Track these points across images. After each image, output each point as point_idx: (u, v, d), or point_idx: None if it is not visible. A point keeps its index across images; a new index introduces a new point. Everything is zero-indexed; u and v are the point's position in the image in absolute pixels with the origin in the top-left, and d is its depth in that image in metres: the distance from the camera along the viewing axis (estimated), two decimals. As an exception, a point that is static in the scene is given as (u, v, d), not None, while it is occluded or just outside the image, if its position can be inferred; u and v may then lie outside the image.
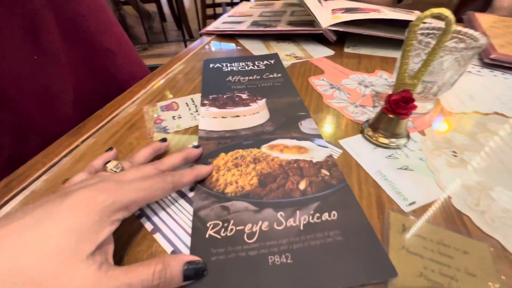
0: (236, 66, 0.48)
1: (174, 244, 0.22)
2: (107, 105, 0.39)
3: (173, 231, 0.23)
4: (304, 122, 0.34)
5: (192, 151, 0.28)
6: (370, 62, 0.51)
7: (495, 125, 0.34)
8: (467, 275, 0.20)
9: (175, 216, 0.24)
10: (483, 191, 0.26)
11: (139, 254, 0.22)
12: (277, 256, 0.20)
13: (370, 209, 0.25)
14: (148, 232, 0.23)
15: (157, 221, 0.24)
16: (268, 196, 0.25)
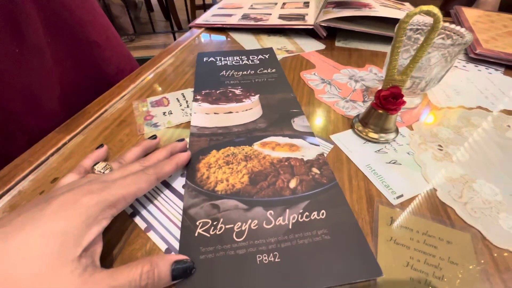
0: (230, 60, 0.48)
1: (168, 241, 0.22)
2: (95, 100, 0.38)
3: (167, 228, 0.23)
4: (297, 119, 0.35)
5: (176, 145, 0.28)
6: (360, 57, 0.51)
7: (478, 119, 0.36)
8: (450, 264, 0.21)
9: (168, 213, 0.24)
10: (466, 184, 0.27)
11: (133, 252, 0.22)
12: (265, 255, 0.21)
13: (360, 203, 0.25)
14: (141, 230, 0.23)
15: (150, 219, 0.24)
16: (259, 195, 0.25)
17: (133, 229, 0.23)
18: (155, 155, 0.26)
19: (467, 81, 0.44)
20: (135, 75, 0.44)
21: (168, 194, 0.26)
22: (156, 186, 0.26)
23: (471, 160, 0.30)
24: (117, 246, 0.22)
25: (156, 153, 0.26)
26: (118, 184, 0.21)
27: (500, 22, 0.64)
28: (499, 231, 0.23)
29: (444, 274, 0.20)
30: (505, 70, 0.48)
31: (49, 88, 0.37)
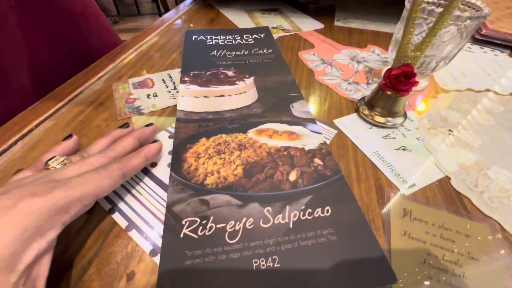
0: (221, 39, 0.43)
1: (153, 242, 0.19)
2: (68, 81, 0.34)
3: (152, 226, 0.20)
4: (296, 104, 0.31)
5: (144, 130, 0.24)
6: (361, 37, 0.48)
7: (488, 102, 0.34)
8: (470, 260, 0.19)
9: (153, 209, 0.21)
10: (481, 171, 0.25)
11: (112, 256, 0.18)
12: (262, 259, 0.18)
13: (369, 193, 0.23)
14: (122, 229, 0.20)
15: (132, 216, 0.20)
16: (254, 189, 0.22)
17: (112, 228, 0.20)
18: (121, 144, 0.22)
19: (474, 63, 0.42)
20: (115, 54, 0.40)
21: (153, 187, 0.23)
22: (139, 178, 0.23)
23: (483, 146, 0.28)
24: (93, 248, 0.19)
25: (122, 141, 0.22)
26: (71, 183, 0.17)
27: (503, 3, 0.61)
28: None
29: (465, 271, 0.18)
30: (510, 52, 0.45)
31: (16, 61, 0.32)
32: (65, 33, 0.38)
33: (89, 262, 0.18)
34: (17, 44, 0.32)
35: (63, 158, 0.20)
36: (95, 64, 0.37)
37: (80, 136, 0.27)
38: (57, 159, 0.19)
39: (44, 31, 0.36)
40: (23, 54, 0.33)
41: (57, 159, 0.19)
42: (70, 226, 0.19)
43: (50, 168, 0.19)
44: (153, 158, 0.23)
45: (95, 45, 0.42)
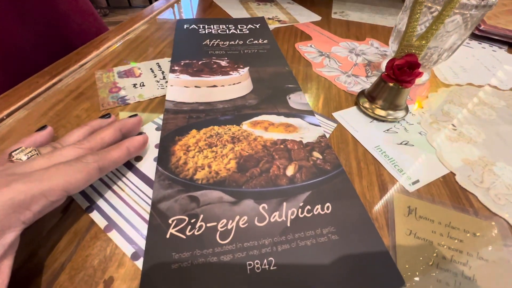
0: (215, 28, 0.41)
1: (135, 243, 0.17)
2: (46, 68, 0.31)
3: (134, 226, 0.18)
4: (293, 96, 0.29)
5: (127, 121, 0.22)
6: (359, 30, 0.47)
7: (489, 97, 0.33)
8: (480, 260, 0.18)
9: (137, 207, 0.19)
10: (486, 167, 0.24)
11: (88, 259, 0.16)
12: (257, 262, 0.16)
13: (371, 190, 0.21)
14: (100, 229, 0.18)
15: (113, 215, 0.18)
16: (249, 184, 0.20)
17: (89, 228, 0.18)
18: (99, 135, 0.20)
19: (473, 58, 0.41)
20: (99, 41, 0.37)
21: (137, 183, 0.20)
22: (121, 172, 0.21)
23: (487, 141, 0.27)
24: (67, 251, 0.17)
25: (101, 131, 0.20)
26: (35, 175, 0.15)
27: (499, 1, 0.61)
28: (528, 220, 0.20)
29: (475, 273, 0.17)
30: (508, 48, 0.45)
31: None
32: (39, 12, 0.35)
33: (62, 266, 0.16)
34: None
35: (30, 149, 0.17)
36: (77, 50, 0.34)
37: (57, 127, 0.24)
38: (22, 150, 0.17)
39: (15, 7, 0.33)
40: None
41: (23, 150, 0.17)
42: (40, 226, 0.17)
43: (14, 160, 0.16)
44: (137, 152, 0.21)
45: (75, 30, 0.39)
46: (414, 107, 0.30)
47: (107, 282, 0.15)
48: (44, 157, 0.16)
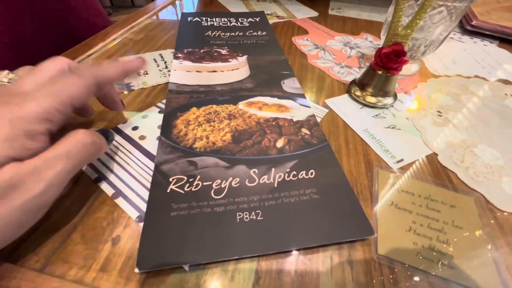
0: (217, 21, 0.43)
1: (139, 208, 0.19)
2: (55, 58, 0.33)
3: (138, 194, 0.20)
4: (287, 81, 0.31)
5: (132, 62, 0.21)
6: (355, 25, 0.48)
7: (476, 87, 0.34)
8: (454, 228, 0.19)
9: (140, 178, 0.21)
10: (467, 149, 0.25)
11: (98, 221, 0.18)
12: (246, 213, 0.18)
13: (358, 167, 0.23)
14: (108, 197, 0.19)
15: (119, 185, 0.20)
16: (242, 153, 0.22)
17: (98, 196, 0.20)
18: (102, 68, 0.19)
19: (464, 51, 0.43)
20: (105, 34, 0.39)
21: (141, 158, 0.22)
22: (127, 149, 0.23)
23: (471, 126, 0.28)
24: (78, 214, 0.18)
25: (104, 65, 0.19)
26: (42, 92, 0.15)
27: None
28: (503, 195, 0.22)
29: (449, 238, 0.19)
30: (499, 42, 0.46)
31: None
32: (49, 8, 0.37)
33: (74, 226, 0.18)
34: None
35: (6, 72, 0.18)
36: (85, 42, 0.36)
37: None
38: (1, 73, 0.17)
39: (27, 4, 0.35)
40: (3, 26, 0.32)
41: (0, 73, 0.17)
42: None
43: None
44: (132, 72, 0.20)
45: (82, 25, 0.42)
46: (403, 96, 0.32)
47: (115, 239, 0.17)
48: (30, 75, 0.16)
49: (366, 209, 0.20)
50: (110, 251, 0.17)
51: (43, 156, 0.15)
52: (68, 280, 0.15)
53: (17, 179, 0.13)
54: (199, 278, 0.16)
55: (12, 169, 0.13)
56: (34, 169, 0.14)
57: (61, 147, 0.15)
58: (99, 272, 0.16)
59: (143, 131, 0.25)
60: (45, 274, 0.15)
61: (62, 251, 0.16)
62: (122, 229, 0.18)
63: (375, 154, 0.24)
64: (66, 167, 0.15)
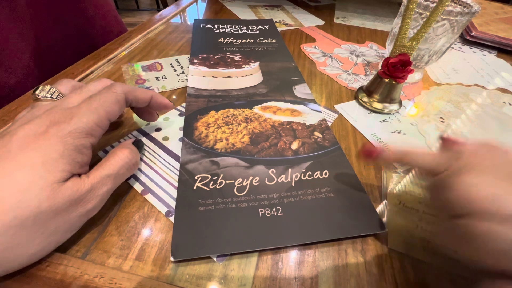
0: (228, 28, 0.45)
1: (168, 204, 0.20)
2: (79, 61, 0.35)
3: (166, 191, 0.21)
4: (298, 87, 0.33)
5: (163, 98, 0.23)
6: (360, 34, 0.50)
7: (476, 95, 0.36)
8: (458, 225, 0.21)
9: (166, 176, 0.22)
10: (468, 153, 0.27)
11: (129, 215, 0.20)
12: (267, 209, 0.20)
13: (367, 169, 0.25)
14: (138, 193, 0.21)
15: (147, 182, 0.22)
16: (260, 154, 0.24)
17: (128, 192, 0.21)
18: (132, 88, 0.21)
19: (464, 61, 0.45)
20: (123, 39, 0.41)
21: (166, 158, 0.24)
22: (153, 149, 0.24)
23: (471, 132, 0.30)
24: (111, 209, 0.20)
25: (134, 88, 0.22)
26: (84, 108, 0.17)
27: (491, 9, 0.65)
28: (502, 196, 0.23)
29: (453, 234, 0.20)
30: (497, 53, 0.49)
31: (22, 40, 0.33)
32: (71, 17, 0.39)
33: (108, 220, 0.19)
34: (25, 24, 0.33)
35: (49, 87, 0.19)
36: (104, 47, 0.38)
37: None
38: (43, 88, 0.19)
39: (52, 13, 0.37)
40: (29, 33, 0.34)
41: (43, 88, 0.19)
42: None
43: (40, 97, 0.19)
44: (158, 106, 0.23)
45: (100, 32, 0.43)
46: (408, 102, 0.34)
47: (147, 232, 0.19)
48: (76, 93, 0.18)
49: (377, 208, 0.21)
50: (144, 242, 0.18)
51: (98, 175, 0.17)
52: (109, 267, 0.17)
53: (78, 195, 0.15)
54: (226, 267, 0.17)
55: (74, 186, 0.15)
56: (92, 187, 0.16)
57: (112, 167, 0.18)
58: (135, 261, 0.17)
59: (166, 132, 0.26)
60: (87, 261, 0.17)
61: (100, 241, 0.18)
62: (153, 223, 0.19)
63: (383, 157, 0.26)
64: (114, 185, 0.18)
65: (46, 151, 0.15)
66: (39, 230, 0.14)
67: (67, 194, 0.15)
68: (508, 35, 0.50)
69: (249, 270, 0.17)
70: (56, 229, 0.15)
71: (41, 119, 0.16)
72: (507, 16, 0.62)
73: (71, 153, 0.16)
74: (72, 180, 0.16)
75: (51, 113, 0.17)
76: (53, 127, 0.16)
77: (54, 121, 0.16)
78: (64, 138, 0.16)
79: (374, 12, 0.59)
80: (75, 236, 0.18)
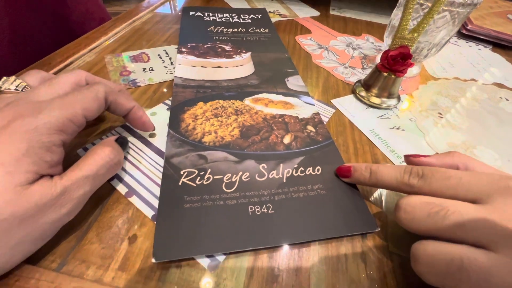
0: (219, 16, 0.43)
1: (154, 207, 0.19)
2: (57, 51, 0.32)
3: (152, 192, 0.20)
4: (291, 78, 0.32)
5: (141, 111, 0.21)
6: (356, 26, 0.49)
7: (473, 90, 0.36)
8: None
9: (153, 176, 0.21)
10: (467, 150, 0.27)
11: (112, 220, 0.18)
12: (257, 206, 0.19)
13: (366, 166, 0.24)
14: (122, 195, 0.19)
15: (132, 183, 0.20)
16: (250, 148, 0.23)
17: (110, 194, 0.19)
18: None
19: (460, 55, 0.44)
20: (107, 27, 0.38)
21: (152, 156, 0.22)
22: (138, 147, 0.22)
23: (470, 128, 0.29)
24: (92, 213, 0.18)
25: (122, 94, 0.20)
26: (57, 103, 0.15)
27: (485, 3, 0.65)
28: (501, 194, 0.23)
29: (455, 235, 0.19)
30: (492, 47, 0.48)
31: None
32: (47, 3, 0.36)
33: (89, 225, 0.17)
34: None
35: (14, 78, 0.17)
36: (86, 35, 0.35)
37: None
38: (7, 80, 0.17)
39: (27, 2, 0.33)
40: (3, 22, 0.31)
41: (7, 79, 0.17)
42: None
43: (3, 90, 0.17)
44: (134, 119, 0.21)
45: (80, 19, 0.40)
46: (406, 97, 0.33)
47: (131, 238, 0.17)
48: (46, 86, 0.17)
49: (375, 210, 0.20)
50: (127, 250, 0.17)
51: (74, 176, 0.15)
52: (87, 279, 0.15)
53: (49, 199, 0.14)
54: (216, 269, 0.16)
55: (43, 189, 0.14)
56: (65, 189, 0.14)
57: (90, 167, 0.16)
58: (118, 272, 0.16)
59: (153, 128, 0.24)
60: (63, 274, 0.15)
61: (78, 250, 0.16)
62: (138, 228, 0.18)
63: (381, 154, 0.25)
64: (92, 187, 0.16)
65: (6, 149, 0.13)
66: (1, 241, 0.12)
67: (34, 198, 0.13)
68: (504, 29, 0.49)
69: (240, 271, 0.16)
70: (22, 238, 0.13)
71: (2, 112, 0.14)
72: (500, 10, 0.61)
73: (38, 151, 0.14)
74: (40, 182, 0.14)
75: (15, 106, 0.15)
76: (16, 121, 0.14)
77: (18, 115, 0.14)
78: (29, 134, 0.14)
79: (371, 3, 0.58)
80: (49, 245, 0.16)
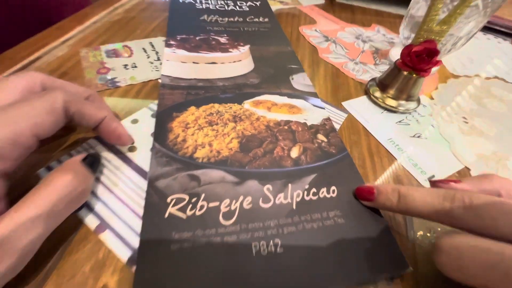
0: (213, 4, 0.38)
1: (132, 246, 0.15)
2: (22, 43, 0.27)
3: (130, 226, 0.16)
4: (296, 76, 0.28)
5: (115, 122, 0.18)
6: (364, 15, 0.44)
7: (498, 90, 0.32)
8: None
9: (132, 203, 0.17)
10: (499, 162, 0.23)
11: (77, 265, 0.14)
12: (263, 243, 0.15)
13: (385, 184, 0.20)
14: (90, 230, 0.15)
15: (105, 214, 0.16)
16: (252, 164, 0.19)
17: (77, 229, 0.15)
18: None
19: (479, 49, 0.40)
20: (83, 15, 0.33)
21: (132, 176, 0.18)
22: (114, 165, 0.19)
23: (499, 134, 0.26)
24: (51, 257, 0.14)
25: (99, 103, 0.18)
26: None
27: (501, -9, 0.60)
28: (544, 218, 0.19)
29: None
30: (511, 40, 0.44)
31: None
32: None
33: (46, 274, 0.14)
34: None
35: None
36: (58, 25, 0.31)
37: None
38: None
39: None
40: None
41: None
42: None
43: None
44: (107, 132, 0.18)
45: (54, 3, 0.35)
46: (425, 98, 0.29)
47: (101, 291, 0.13)
48: None
49: (400, 238, 0.17)
50: (95, 308, 0.13)
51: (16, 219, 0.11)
52: None
53: None
54: None
55: None
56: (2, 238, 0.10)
57: (42, 203, 0.12)
58: None
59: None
60: None
61: (30, 311, 0.13)
62: (111, 275, 0.14)
63: (403, 169, 0.22)
64: (47, 229, 0.12)
65: None
66: None
67: None
68: (524, 20, 0.45)
69: None
70: None
71: None
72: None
73: None
74: None
75: None
76: None
77: None
78: None
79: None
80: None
